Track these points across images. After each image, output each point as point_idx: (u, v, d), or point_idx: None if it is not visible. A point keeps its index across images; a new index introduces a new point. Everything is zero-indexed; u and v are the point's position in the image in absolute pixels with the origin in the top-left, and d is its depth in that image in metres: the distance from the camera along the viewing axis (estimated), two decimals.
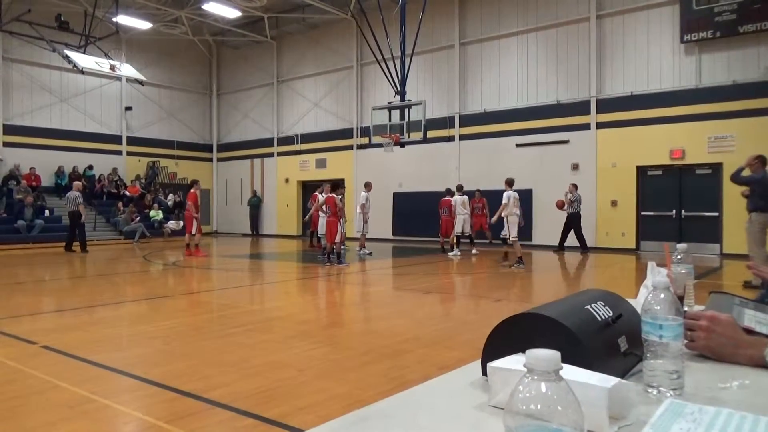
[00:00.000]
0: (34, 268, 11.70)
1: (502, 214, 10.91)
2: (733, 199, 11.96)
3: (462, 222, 14.03)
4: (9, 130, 19.25)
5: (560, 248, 14.52)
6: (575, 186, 14.34)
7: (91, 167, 20.91)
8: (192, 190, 13.69)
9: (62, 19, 16.74)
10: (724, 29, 13.39)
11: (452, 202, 14.14)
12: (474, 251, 14.21)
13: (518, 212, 10.95)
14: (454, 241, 14.00)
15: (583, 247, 14.31)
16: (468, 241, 14.52)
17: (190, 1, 19.75)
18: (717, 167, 13.72)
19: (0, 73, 19.05)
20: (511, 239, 10.98)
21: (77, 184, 15.66)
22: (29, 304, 7.30)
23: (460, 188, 14.52)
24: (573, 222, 14.33)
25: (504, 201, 10.80)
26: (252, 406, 3.23)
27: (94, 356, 4.31)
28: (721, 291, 1.43)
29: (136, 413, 3.21)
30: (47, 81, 20.28)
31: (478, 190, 15.49)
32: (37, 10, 16.81)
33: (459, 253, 13.64)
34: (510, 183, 11.21)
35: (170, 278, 10.41)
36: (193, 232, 13.54)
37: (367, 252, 13.94)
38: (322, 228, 12.44)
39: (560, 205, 14.41)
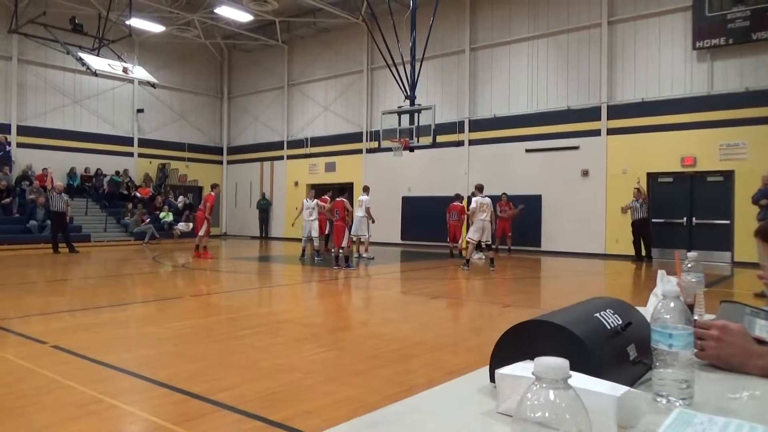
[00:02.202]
0: (44, 268, 11.80)
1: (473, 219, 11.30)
2: (745, 207, 11.87)
3: (482, 228, 11.38)
4: (23, 131, 19.46)
5: (638, 258, 13.69)
6: (639, 190, 13.69)
7: (118, 173, 21.11)
8: (212, 192, 13.65)
9: (76, 21, 16.93)
10: (737, 36, 13.30)
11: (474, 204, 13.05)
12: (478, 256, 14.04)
13: (484, 217, 11.13)
14: (466, 246, 13.34)
15: (638, 256, 13.69)
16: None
17: (202, 5, 19.91)
18: (729, 175, 13.62)
19: (15, 75, 19.28)
20: (467, 239, 11.41)
21: (59, 185, 15.76)
22: (40, 304, 7.36)
23: (481, 188, 11.91)
24: (640, 228, 13.65)
25: (473, 206, 11.21)
26: (258, 408, 3.23)
27: (103, 357, 4.34)
28: (731, 300, 1.42)
29: (143, 414, 3.23)
30: (61, 83, 20.50)
31: (505, 194, 15.51)
32: (51, 13, 17.00)
33: (483, 256, 12.81)
34: (480, 188, 11.58)
35: (179, 280, 10.47)
36: (201, 233, 13.56)
37: (371, 256, 13.96)
38: (314, 231, 13.37)
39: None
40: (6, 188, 17.63)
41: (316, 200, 13.81)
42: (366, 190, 14.00)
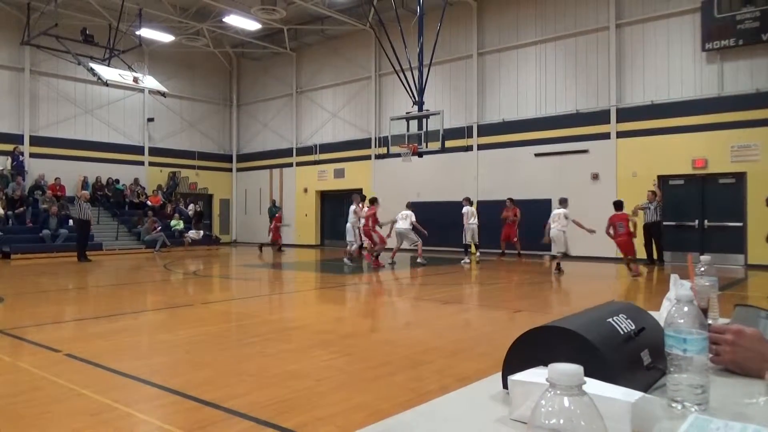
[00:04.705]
0: (58, 277, 11.90)
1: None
2: (758, 209, 11.76)
3: (471, 232, 14.59)
4: (35, 141, 19.70)
5: (650, 261, 13.46)
6: (653, 193, 13.46)
7: (117, 181, 21.31)
8: (372, 206, 13.52)
9: (87, 32, 17.14)
10: (747, 37, 13.21)
11: (463, 212, 14.31)
12: (465, 260, 14.38)
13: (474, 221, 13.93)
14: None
15: (650, 259, 13.45)
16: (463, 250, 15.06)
17: (211, 14, 20.08)
18: (741, 176, 13.50)
19: (27, 86, 19.53)
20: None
21: (85, 193, 15.91)
22: (53, 312, 7.43)
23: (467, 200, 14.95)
24: (651, 231, 13.44)
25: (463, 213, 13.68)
26: (271, 415, 3.24)
27: (116, 364, 4.36)
28: (746, 304, 1.41)
29: (156, 422, 3.24)
30: (72, 93, 20.73)
31: (510, 199, 15.51)
32: (63, 25, 17.23)
33: (468, 261, 14.18)
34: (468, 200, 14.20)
35: (190, 287, 10.52)
36: (376, 241, 13.39)
37: (424, 262, 13.97)
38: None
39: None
40: (20, 198, 17.83)
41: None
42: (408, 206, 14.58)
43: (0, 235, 16.16)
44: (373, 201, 13.58)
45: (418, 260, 13.95)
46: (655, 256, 13.67)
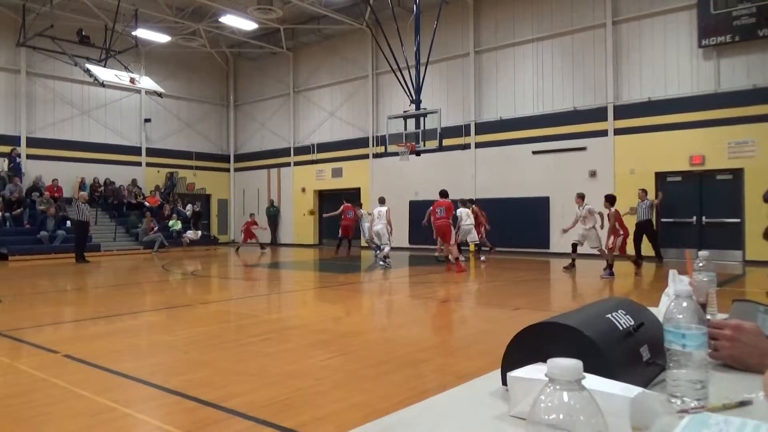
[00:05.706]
0: (56, 279, 11.87)
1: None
2: (756, 205, 11.75)
3: (465, 232, 13.88)
4: (32, 142, 19.65)
5: (639, 258, 12.90)
6: (644, 191, 13.19)
7: (113, 182, 21.26)
8: (444, 199, 12.72)
9: (83, 33, 17.12)
10: (743, 33, 13.23)
11: (458, 214, 13.96)
12: (482, 258, 14.49)
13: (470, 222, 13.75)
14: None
15: (638, 256, 13.02)
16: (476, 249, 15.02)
17: (207, 14, 20.05)
18: (738, 173, 13.53)
19: (23, 88, 19.48)
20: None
21: (83, 195, 15.87)
22: (51, 313, 7.41)
23: (464, 202, 14.59)
24: (644, 230, 13.14)
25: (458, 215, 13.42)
26: (270, 415, 3.23)
27: (115, 365, 4.36)
28: (744, 299, 1.41)
29: (156, 422, 3.24)
30: (69, 94, 20.69)
31: (470, 200, 15.49)
32: (59, 26, 17.17)
33: (464, 259, 13.62)
34: (463, 202, 14.12)
35: (188, 288, 10.50)
36: (452, 242, 12.53)
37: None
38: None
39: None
40: (17, 199, 17.79)
41: None
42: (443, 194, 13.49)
43: None
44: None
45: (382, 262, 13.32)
46: (643, 253, 13.55)
